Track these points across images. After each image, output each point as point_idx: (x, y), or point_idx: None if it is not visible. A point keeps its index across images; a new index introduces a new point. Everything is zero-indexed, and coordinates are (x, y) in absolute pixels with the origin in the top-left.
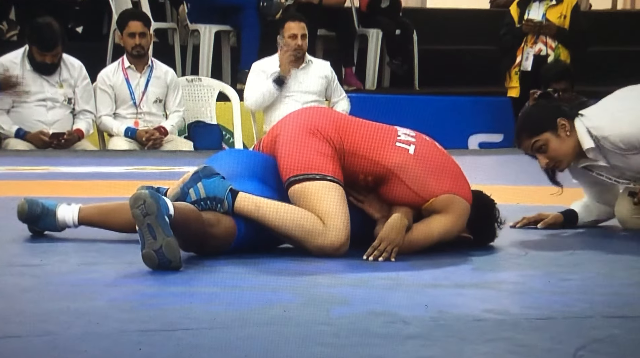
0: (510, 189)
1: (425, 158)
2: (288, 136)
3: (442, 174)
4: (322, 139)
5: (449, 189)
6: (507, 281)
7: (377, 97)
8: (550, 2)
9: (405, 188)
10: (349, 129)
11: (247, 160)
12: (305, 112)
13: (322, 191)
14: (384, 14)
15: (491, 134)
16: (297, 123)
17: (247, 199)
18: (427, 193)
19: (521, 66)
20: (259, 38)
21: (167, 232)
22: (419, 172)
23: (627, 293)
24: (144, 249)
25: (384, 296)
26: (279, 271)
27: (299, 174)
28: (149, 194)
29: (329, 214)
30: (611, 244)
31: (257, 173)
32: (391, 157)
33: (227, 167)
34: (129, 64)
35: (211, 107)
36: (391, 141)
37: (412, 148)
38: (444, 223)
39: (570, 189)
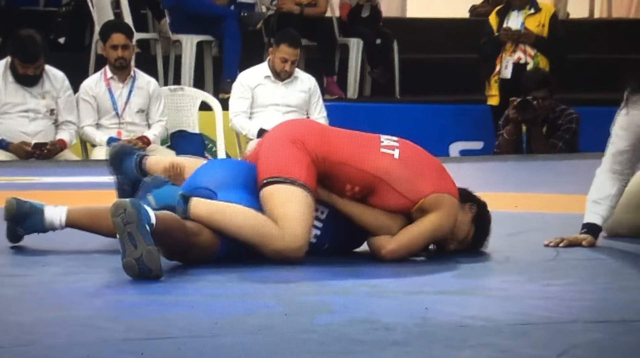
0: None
1: (411, 160)
2: (269, 143)
3: (428, 175)
4: (301, 149)
5: (436, 188)
6: (490, 287)
7: (359, 106)
8: (528, 11)
9: (394, 193)
10: (334, 139)
11: (233, 170)
12: (290, 122)
13: (288, 194)
14: (365, 24)
15: (471, 141)
16: (281, 132)
17: (201, 204)
18: (416, 194)
19: (500, 74)
20: (240, 48)
21: (147, 241)
22: (405, 175)
23: (608, 298)
24: (124, 258)
25: (367, 304)
26: (262, 280)
27: (270, 177)
28: (130, 203)
29: (288, 217)
30: (593, 250)
31: (243, 182)
32: (377, 163)
33: (214, 177)
34: (112, 75)
35: (193, 116)
36: (375, 148)
37: (396, 152)
38: (435, 221)
39: (557, 195)
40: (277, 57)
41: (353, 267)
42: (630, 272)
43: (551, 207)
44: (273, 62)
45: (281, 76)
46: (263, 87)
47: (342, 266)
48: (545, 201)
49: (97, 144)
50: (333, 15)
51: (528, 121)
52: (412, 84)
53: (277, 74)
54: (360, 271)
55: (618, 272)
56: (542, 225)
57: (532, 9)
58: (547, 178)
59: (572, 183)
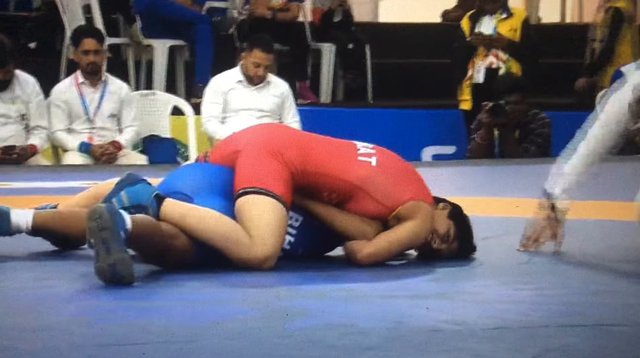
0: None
1: (388, 168)
2: (248, 153)
3: (405, 183)
4: (281, 162)
5: (413, 196)
6: (464, 291)
7: (332, 111)
8: (500, 16)
9: (371, 200)
10: (312, 148)
11: (210, 175)
12: (267, 130)
13: (263, 205)
14: (337, 29)
15: (444, 146)
16: (260, 141)
17: (174, 206)
18: (393, 202)
19: (473, 78)
20: (212, 52)
21: (121, 247)
22: (383, 183)
23: (581, 302)
24: (97, 263)
25: (342, 308)
26: (237, 285)
27: (247, 187)
28: (106, 209)
29: (260, 228)
30: (567, 254)
31: (219, 188)
32: (355, 172)
33: (190, 182)
34: (83, 80)
35: (165, 121)
36: (353, 156)
37: (373, 160)
38: (411, 228)
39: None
40: (249, 62)
41: (328, 271)
42: (603, 276)
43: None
44: (246, 67)
45: (254, 81)
46: (235, 91)
47: (317, 271)
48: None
49: (69, 149)
50: (305, 20)
51: (500, 126)
52: (385, 89)
53: (250, 78)
54: (335, 275)
55: (591, 276)
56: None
57: (504, 14)
58: (520, 182)
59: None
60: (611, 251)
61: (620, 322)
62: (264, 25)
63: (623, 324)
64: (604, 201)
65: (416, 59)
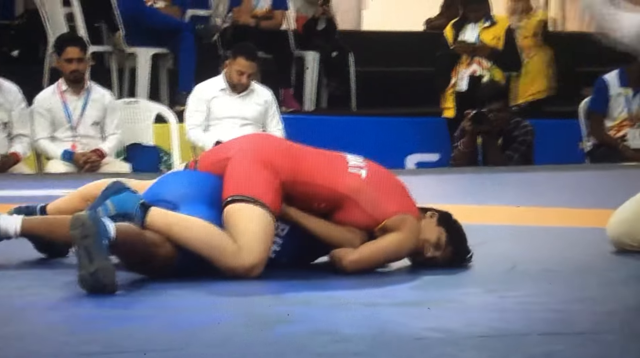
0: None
1: (377, 181)
2: (239, 161)
3: (392, 196)
4: (271, 171)
5: (399, 209)
6: (448, 298)
7: (316, 119)
8: (484, 24)
9: (360, 212)
10: (302, 160)
11: (196, 183)
12: (259, 139)
13: (250, 214)
14: (320, 37)
15: (428, 154)
16: (251, 150)
17: (160, 215)
18: (380, 214)
19: (456, 86)
20: (195, 60)
21: (103, 255)
22: (372, 195)
23: (565, 310)
24: (79, 271)
25: (327, 315)
26: (221, 292)
27: (236, 195)
28: (89, 217)
29: (247, 236)
30: (550, 261)
31: (206, 196)
32: (345, 183)
33: (176, 190)
34: (66, 88)
35: (149, 129)
36: (343, 168)
37: (363, 172)
38: (396, 239)
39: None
40: (233, 70)
41: (312, 279)
42: (586, 284)
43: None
44: (229, 75)
45: (237, 89)
46: (219, 99)
47: (302, 279)
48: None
49: (52, 157)
50: (289, 28)
51: (484, 133)
52: (369, 97)
53: (233, 86)
54: (319, 283)
55: (575, 284)
56: (498, 236)
57: (488, 22)
58: (503, 189)
59: (527, 194)
60: (594, 258)
61: (604, 329)
62: (247, 33)
63: (607, 332)
64: (587, 209)
65: (400, 67)
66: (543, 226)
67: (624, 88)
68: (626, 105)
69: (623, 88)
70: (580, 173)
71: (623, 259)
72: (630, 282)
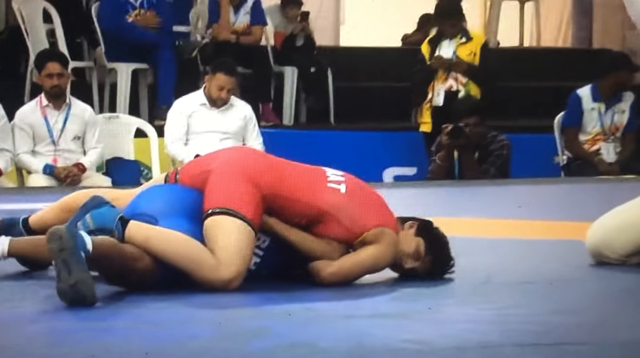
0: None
1: (356, 195)
2: (220, 174)
3: (371, 210)
4: (253, 185)
5: (378, 223)
6: (423, 310)
7: (295, 133)
8: (460, 40)
9: (339, 226)
10: (283, 173)
11: (175, 197)
12: (240, 153)
13: (231, 227)
14: (299, 52)
15: (405, 167)
16: (233, 163)
17: (138, 228)
18: (359, 228)
19: (433, 101)
20: (175, 75)
21: (82, 268)
22: (351, 210)
23: (541, 322)
24: (58, 284)
25: (304, 328)
26: (200, 305)
27: (217, 208)
28: (66, 230)
29: (226, 249)
30: (526, 273)
31: (185, 210)
32: (325, 198)
33: (155, 204)
34: (47, 103)
35: (129, 143)
36: (323, 183)
37: (342, 187)
38: (375, 252)
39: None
40: (213, 85)
41: (291, 292)
42: (561, 295)
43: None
44: (209, 90)
45: (217, 104)
46: (199, 114)
47: (280, 291)
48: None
49: (33, 171)
50: (268, 44)
51: (460, 147)
52: (347, 111)
53: (213, 101)
54: (297, 295)
55: (550, 296)
56: (475, 249)
57: (464, 38)
58: (480, 203)
59: (503, 208)
60: (570, 270)
61: (579, 340)
62: (227, 49)
63: (582, 343)
64: (562, 221)
65: (377, 82)
66: (519, 239)
67: (597, 103)
68: (599, 119)
69: (596, 103)
70: (556, 186)
71: (598, 271)
72: (606, 294)
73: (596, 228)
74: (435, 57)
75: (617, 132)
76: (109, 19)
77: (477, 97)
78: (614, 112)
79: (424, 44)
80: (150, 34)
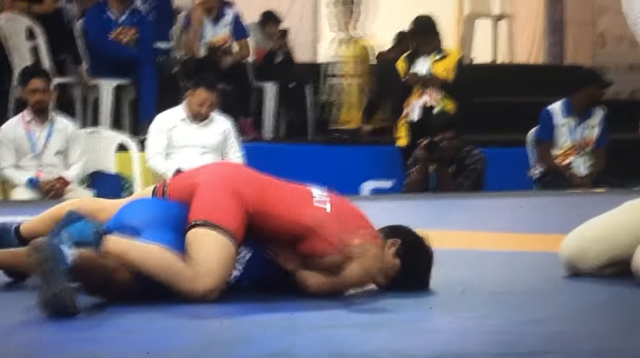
0: None
1: (340, 213)
2: (207, 187)
3: (356, 228)
4: (238, 200)
5: (363, 239)
6: (404, 320)
7: (274, 147)
8: (435, 57)
9: (324, 243)
10: (269, 191)
11: (159, 209)
12: (228, 168)
13: (212, 240)
14: (279, 69)
15: (382, 180)
16: (221, 179)
17: (116, 243)
18: (344, 245)
19: (409, 117)
20: (157, 91)
21: (63, 278)
22: (336, 229)
23: (517, 331)
24: (40, 295)
25: (285, 338)
26: (180, 315)
27: (200, 220)
28: (48, 243)
29: (205, 262)
30: (501, 284)
31: (169, 222)
32: (311, 216)
33: (139, 216)
34: (31, 118)
35: (111, 157)
36: (309, 202)
37: (328, 206)
38: (359, 268)
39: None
40: (194, 100)
41: (271, 302)
42: (536, 306)
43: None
44: (190, 105)
45: (198, 118)
46: (179, 129)
47: (260, 301)
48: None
49: (17, 184)
50: (248, 61)
51: (436, 161)
52: (325, 126)
53: (194, 116)
54: (277, 305)
55: (526, 306)
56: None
57: (439, 55)
58: (455, 215)
59: (478, 220)
60: (544, 282)
61: (553, 349)
62: (208, 65)
63: (555, 352)
64: (536, 233)
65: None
66: (494, 251)
67: (568, 118)
68: (570, 134)
69: (567, 118)
70: (530, 199)
71: (570, 282)
72: (579, 305)
73: (570, 240)
74: (410, 73)
75: (587, 147)
76: (92, 36)
77: (452, 112)
78: (584, 127)
79: (399, 60)
80: (132, 51)
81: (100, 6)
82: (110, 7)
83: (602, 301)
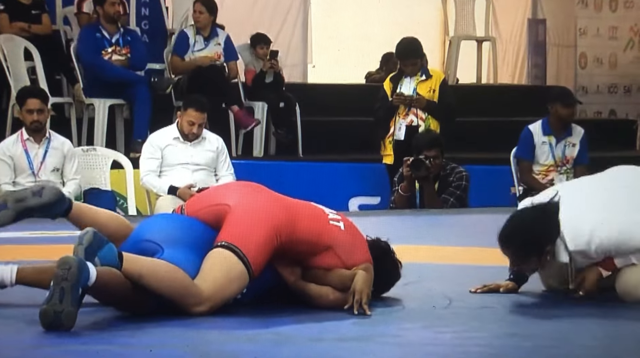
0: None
1: (351, 233)
2: (246, 215)
3: (361, 246)
4: (274, 234)
5: (366, 258)
6: (387, 334)
7: (265, 164)
8: (420, 78)
9: (336, 259)
10: (299, 218)
11: (180, 226)
12: (262, 197)
13: (231, 266)
14: (269, 89)
15: (369, 197)
16: (259, 210)
17: (133, 265)
18: (352, 262)
19: (394, 135)
20: (150, 110)
21: (74, 302)
22: (348, 246)
23: (498, 345)
24: (45, 305)
25: (272, 351)
26: (172, 329)
27: (230, 243)
28: (77, 263)
29: (214, 284)
30: (483, 298)
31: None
32: (329, 235)
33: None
34: (28, 137)
35: (105, 174)
36: (325, 220)
37: (341, 225)
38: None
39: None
40: (185, 121)
41: (259, 316)
42: (518, 320)
43: (443, 258)
44: (181, 125)
45: (189, 138)
46: (172, 147)
47: (249, 316)
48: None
49: None
50: (239, 81)
51: (421, 179)
52: (314, 144)
53: (185, 135)
54: (265, 320)
55: (507, 320)
56: (435, 274)
57: (424, 76)
58: (439, 231)
59: (462, 236)
60: (524, 296)
61: None
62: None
63: None
64: None
65: (342, 117)
66: (477, 265)
67: (547, 136)
68: (550, 152)
69: (546, 136)
70: None
71: (552, 296)
72: (561, 318)
73: None
74: (396, 93)
75: (568, 164)
76: (87, 57)
77: (436, 131)
78: (565, 145)
79: (386, 81)
80: (126, 71)
81: (93, 26)
82: (103, 26)
83: (585, 315)
